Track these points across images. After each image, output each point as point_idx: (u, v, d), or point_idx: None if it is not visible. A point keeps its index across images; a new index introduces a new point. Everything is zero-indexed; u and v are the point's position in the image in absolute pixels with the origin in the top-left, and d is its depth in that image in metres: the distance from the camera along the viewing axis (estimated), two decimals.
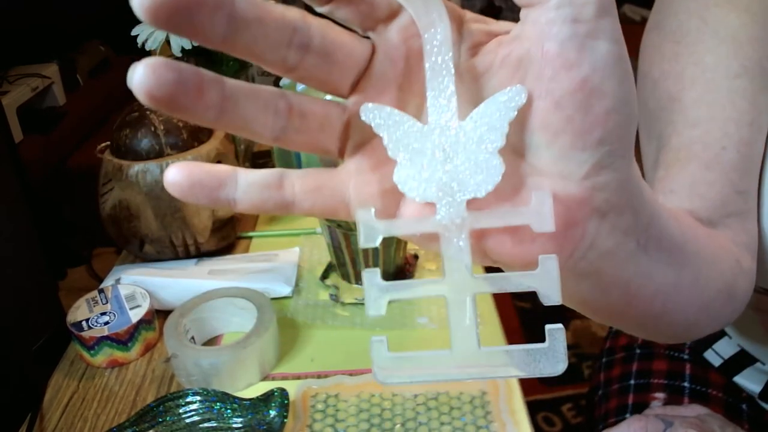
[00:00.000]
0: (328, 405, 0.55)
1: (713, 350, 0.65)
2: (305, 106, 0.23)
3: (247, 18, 0.20)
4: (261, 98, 0.22)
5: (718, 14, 0.44)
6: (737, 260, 0.40)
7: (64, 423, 0.56)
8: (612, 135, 0.22)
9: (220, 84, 0.21)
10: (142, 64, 0.19)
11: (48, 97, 1.42)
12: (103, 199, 0.71)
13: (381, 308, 0.22)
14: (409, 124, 0.22)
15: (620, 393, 0.68)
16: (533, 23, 0.21)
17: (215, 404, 0.53)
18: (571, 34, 0.21)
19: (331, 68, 0.23)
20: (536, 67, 0.21)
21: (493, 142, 0.22)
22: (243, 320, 0.62)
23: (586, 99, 0.21)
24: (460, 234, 0.22)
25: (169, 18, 0.19)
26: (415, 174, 0.22)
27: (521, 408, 0.54)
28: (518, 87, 0.22)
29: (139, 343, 0.62)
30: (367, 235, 0.22)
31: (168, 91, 0.20)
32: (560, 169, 0.22)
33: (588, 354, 1.63)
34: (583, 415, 1.46)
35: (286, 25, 0.21)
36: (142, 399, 0.58)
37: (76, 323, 0.61)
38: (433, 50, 0.22)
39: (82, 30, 1.62)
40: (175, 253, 0.72)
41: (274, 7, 0.21)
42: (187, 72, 0.20)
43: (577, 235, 0.24)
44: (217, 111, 0.21)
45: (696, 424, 0.48)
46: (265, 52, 0.22)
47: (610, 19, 0.21)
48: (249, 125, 0.22)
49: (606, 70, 0.21)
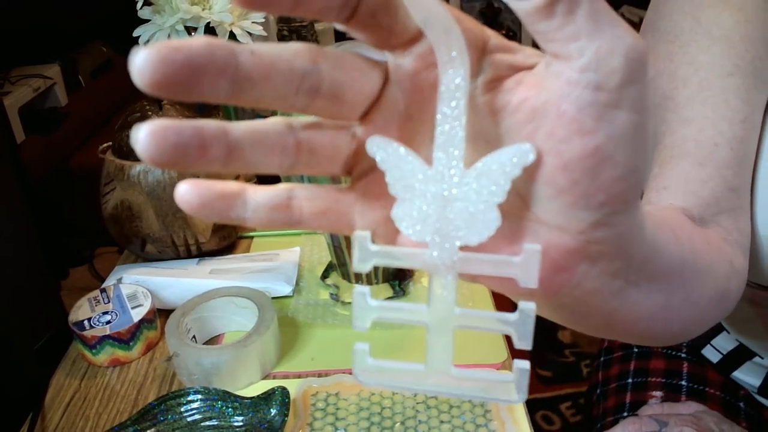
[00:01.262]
0: (328, 404, 0.55)
1: (711, 345, 0.65)
2: (314, 141, 0.23)
3: (252, 77, 0.20)
4: (268, 140, 0.22)
5: (712, 14, 0.45)
6: (730, 261, 0.40)
7: (66, 422, 0.56)
8: (616, 199, 0.22)
9: (224, 136, 0.21)
10: (144, 131, 0.19)
11: (50, 97, 1.43)
12: (105, 199, 0.71)
13: (366, 324, 0.23)
14: (414, 164, 0.22)
15: (618, 392, 0.68)
16: (555, 76, 0.20)
17: (216, 403, 0.53)
18: (591, 102, 0.20)
19: (341, 106, 0.22)
20: (550, 124, 0.21)
21: (493, 196, 0.22)
22: (244, 319, 0.62)
23: (595, 166, 0.21)
24: (449, 274, 0.23)
25: (171, 89, 0.19)
26: (413, 213, 0.23)
27: (520, 406, 0.54)
28: (527, 146, 0.21)
29: (140, 342, 0.62)
30: (360, 258, 0.23)
31: (170, 156, 0.20)
32: (560, 221, 0.22)
33: (586, 353, 1.64)
34: (581, 413, 1.47)
35: (294, 75, 0.21)
36: (144, 398, 0.58)
37: (77, 322, 0.61)
38: (449, 92, 0.21)
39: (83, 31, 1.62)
40: (177, 253, 0.73)
41: (281, 58, 0.20)
42: (188, 132, 0.20)
43: (563, 279, 0.24)
44: (223, 162, 0.21)
45: (692, 422, 0.48)
46: (273, 104, 0.21)
47: (637, 87, 0.20)
48: (258, 168, 0.22)
49: (621, 140, 0.20)
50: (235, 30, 0.75)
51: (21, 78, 1.33)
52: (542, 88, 0.21)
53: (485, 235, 0.22)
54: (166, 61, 0.18)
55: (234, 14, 0.76)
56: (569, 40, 0.19)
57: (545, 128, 0.21)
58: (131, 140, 0.20)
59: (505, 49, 0.22)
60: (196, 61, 0.19)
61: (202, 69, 0.19)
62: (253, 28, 0.76)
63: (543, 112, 0.21)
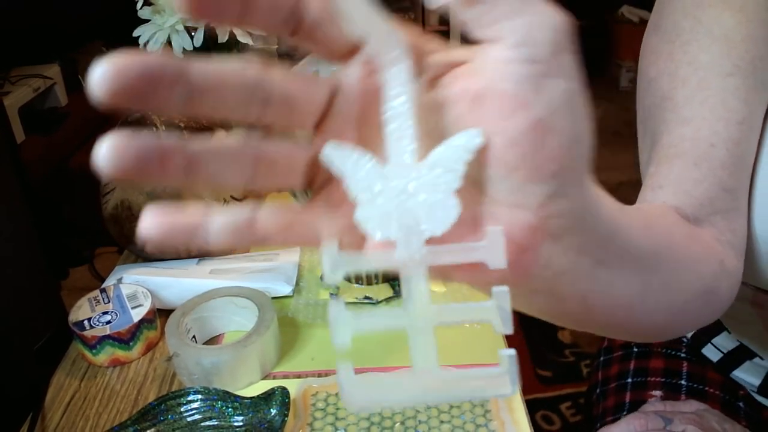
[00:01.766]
0: (328, 404, 0.55)
1: (712, 344, 0.65)
2: (271, 154, 0.23)
3: (204, 88, 0.21)
4: (227, 154, 0.22)
5: (713, 13, 0.45)
6: (720, 261, 0.40)
7: (66, 422, 0.56)
8: (565, 168, 0.22)
9: (183, 149, 0.21)
10: (105, 144, 0.20)
11: (50, 97, 1.43)
12: (105, 199, 0.71)
13: (346, 339, 0.23)
14: (369, 165, 0.23)
15: (618, 391, 0.68)
16: (491, 60, 0.22)
17: (216, 403, 0.53)
18: (527, 75, 0.21)
19: (293, 115, 0.23)
20: (492, 104, 0.22)
21: (449, 183, 0.23)
22: (244, 319, 0.62)
23: (540, 137, 0.22)
24: (419, 269, 0.23)
25: (129, 99, 0.20)
26: (375, 213, 0.23)
27: (520, 406, 0.54)
28: (474, 131, 0.22)
29: (140, 342, 0.62)
30: (330, 269, 0.23)
31: (131, 167, 0.20)
32: (516, 199, 0.23)
33: (586, 353, 1.64)
34: (581, 413, 1.47)
35: (246, 85, 0.22)
36: (144, 398, 0.58)
37: (77, 322, 0.61)
38: (394, 91, 0.22)
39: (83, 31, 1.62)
40: (177, 253, 0.73)
41: (231, 70, 0.21)
42: (148, 145, 0.21)
43: (531, 258, 0.24)
44: (182, 174, 0.22)
45: (695, 420, 0.48)
46: (226, 113, 0.22)
47: (566, 56, 0.21)
48: (218, 181, 0.23)
49: (560, 109, 0.21)
50: (235, 30, 0.75)
51: (21, 78, 1.33)
52: (480, 75, 0.22)
53: (448, 223, 0.23)
54: (123, 72, 0.19)
55: None
56: (497, 21, 0.21)
57: (488, 110, 0.22)
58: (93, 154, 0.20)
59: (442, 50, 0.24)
60: (151, 71, 0.20)
61: (157, 79, 0.20)
62: None
63: (484, 96, 0.22)
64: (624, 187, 0.46)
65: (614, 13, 3.27)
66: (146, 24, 0.73)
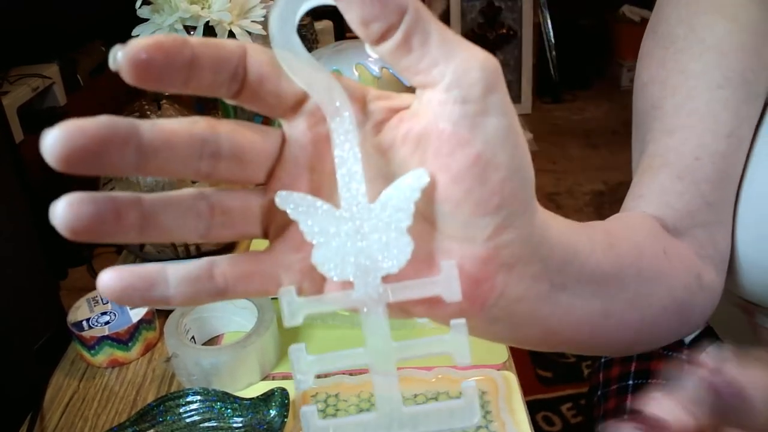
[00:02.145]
0: (328, 405, 0.55)
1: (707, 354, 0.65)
2: (225, 203, 0.24)
3: (155, 146, 0.21)
4: (181, 206, 0.23)
5: (706, 22, 0.44)
6: (697, 275, 0.40)
7: (65, 422, 0.56)
8: (509, 199, 0.23)
9: (137, 204, 0.22)
10: (61, 204, 0.20)
11: (49, 97, 1.42)
12: None
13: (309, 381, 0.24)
14: (323, 208, 0.24)
15: (618, 393, 0.68)
16: (428, 103, 0.23)
17: (215, 404, 0.53)
18: (462, 114, 0.22)
19: (245, 167, 0.23)
20: (434, 144, 0.23)
21: (401, 222, 0.23)
22: (243, 320, 0.62)
23: (481, 172, 0.23)
24: (378, 307, 0.24)
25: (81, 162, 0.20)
26: (332, 255, 0.24)
27: (521, 407, 0.54)
28: (420, 171, 0.23)
29: (139, 342, 0.62)
30: (290, 314, 0.24)
31: (87, 224, 0.21)
32: (466, 233, 0.24)
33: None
34: (582, 414, 1.47)
35: (195, 141, 0.22)
36: (143, 399, 0.58)
37: (76, 323, 0.61)
38: (340, 138, 0.23)
39: (82, 30, 1.62)
40: (176, 254, 0.73)
41: (179, 126, 0.22)
42: (103, 202, 0.21)
43: (486, 289, 0.25)
44: (138, 229, 0.22)
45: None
46: (177, 170, 0.22)
47: (498, 94, 0.22)
48: (173, 233, 0.23)
49: (497, 143, 0.22)
50: (234, 29, 0.75)
51: (20, 77, 1.33)
52: (420, 117, 0.23)
53: (403, 260, 0.24)
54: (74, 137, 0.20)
55: (233, 13, 0.76)
56: (430, 67, 0.22)
57: (431, 150, 0.23)
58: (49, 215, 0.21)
59: (384, 97, 0.25)
60: (101, 134, 0.20)
61: (108, 141, 0.20)
62: (252, 27, 0.76)
63: (425, 137, 0.23)
64: (624, 187, 0.45)
65: (615, 12, 3.26)
66: (145, 23, 0.73)
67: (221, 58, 0.22)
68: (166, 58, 0.20)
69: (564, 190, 2.41)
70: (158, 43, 0.20)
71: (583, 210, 2.27)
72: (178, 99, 0.77)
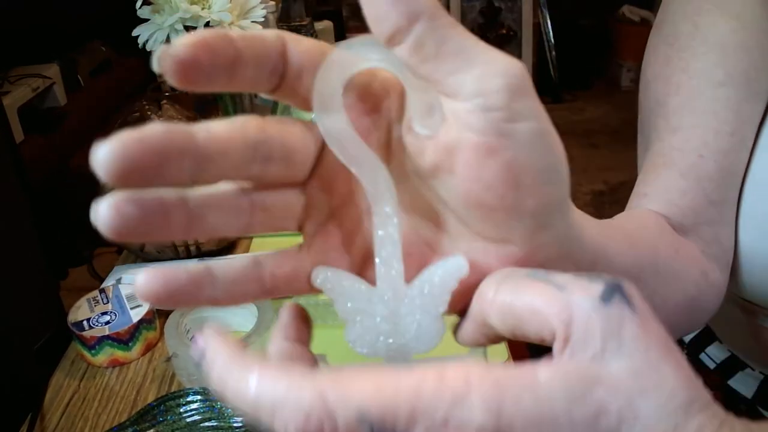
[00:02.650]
0: None
1: (706, 354, 0.65)
2: (266, 200, 0.23)
3: (209, 154, 0.20)
4: (224, 204, 0.22)
5: (709, 20, 0.44)
6: (704, 272, 0.40)
7: (65, 422, 0.56)
8: (544, 201, 0.23)
9: (184, 203, 0.21)
10: (105, 205, 0.19)
11: (49, 97, 1.42)
12: None
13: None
14: (359, 288, 0.24)
15: None
16: (453, 113, 0.22)
17: (216, 403, 0.53)
18: (488, 123, 0.21)
19: (292, 168, 0.23)
20: (463, 154, 0.22)
21: (436, 307, 0.23)
22: (243, 320, 0.62)
23: (514, 178, 0.22)
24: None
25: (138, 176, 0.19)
26: (365, 334, 0.24)
27: None
28: (460, 261, 0.23)
29: (139, 342, 0.62)
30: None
31: (135, 227, 0.20)
32: (501, 235, 0.24)
33: None
34: None
35: (248, 146, 0.21)
36: (143, 398, 0.58)
37: (77, 323, 0.61)
38: (381, 221, 0.23)
39: (83, 30, 1.62)
40: (176, 253, 0.73)
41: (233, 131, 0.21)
42: (150, 203, 0.20)
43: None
44: (184, 229, 0.21)
45: None
46: (228, 177, 0.22)
47: (525, 99, 0.21)
48: (217, 230, 0.22)
49: (529, 148, 0.22)
50: (234, 29, 0.75)
51: (20, 78, 1.33)
52: (449, 125, 0.22)
53: (434, 344, 0.24)
54: (131, 149, 0.19)
55: (233, 14, 0.76)
56: (447, 75, 0.21)
57: (460, 159, 0.22)
58: (90, 216, 0.20)
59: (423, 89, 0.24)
60: (158, 146, 0.19)
61: (167, 152, 0.19)
62: (252, 27, 0.76)
63: (454, 147, 0.22)
64: (625, 187, 0.45)
65: (615, 12, 3.27)
66: (145, 23, 0.73)
67: (263, 52, 0.21)
68: (212, 58, 0.20)
69: None
70: (203, 42, 0.19)
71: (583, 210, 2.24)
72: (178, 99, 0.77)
